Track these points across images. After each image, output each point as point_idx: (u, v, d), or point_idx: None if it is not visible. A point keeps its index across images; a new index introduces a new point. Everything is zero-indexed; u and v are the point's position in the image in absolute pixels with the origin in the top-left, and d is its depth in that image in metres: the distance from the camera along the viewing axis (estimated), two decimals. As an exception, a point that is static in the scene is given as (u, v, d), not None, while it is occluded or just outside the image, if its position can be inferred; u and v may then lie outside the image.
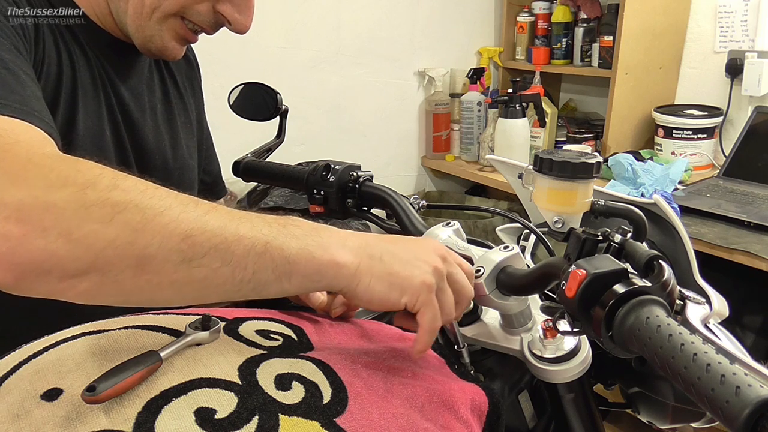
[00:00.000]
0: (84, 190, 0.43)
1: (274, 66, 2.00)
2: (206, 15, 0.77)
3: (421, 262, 0.54)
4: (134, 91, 0.84)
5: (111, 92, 0.81)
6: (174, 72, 0.94)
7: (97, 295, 0.44)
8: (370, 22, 2.18)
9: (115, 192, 0.44)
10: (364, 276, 0.51)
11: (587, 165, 0.66)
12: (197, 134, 0.99)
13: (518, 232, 0.88)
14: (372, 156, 2.30)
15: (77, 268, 0.42)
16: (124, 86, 0.83)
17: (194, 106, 0.99)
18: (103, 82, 0.79)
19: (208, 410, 0.43)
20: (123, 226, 0.43)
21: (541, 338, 0.61)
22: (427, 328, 0.54)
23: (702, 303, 0.63)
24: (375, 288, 0.52)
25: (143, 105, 0.86)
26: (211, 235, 0.45)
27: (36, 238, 0.41)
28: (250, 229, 0.47)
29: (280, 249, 0.48)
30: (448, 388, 0.55)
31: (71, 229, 0.42)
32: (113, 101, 0.81)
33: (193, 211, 0.46)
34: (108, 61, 0.80)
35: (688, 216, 1.58)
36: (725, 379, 0.37)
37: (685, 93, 2.13)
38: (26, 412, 0.43)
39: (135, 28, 0.76)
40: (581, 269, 0.47)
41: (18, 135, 0.50)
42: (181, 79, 0.95)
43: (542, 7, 2.26)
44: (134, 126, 0.84)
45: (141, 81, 0.86)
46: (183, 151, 0.93)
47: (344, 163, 0.81)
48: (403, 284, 0.53)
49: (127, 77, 0.83)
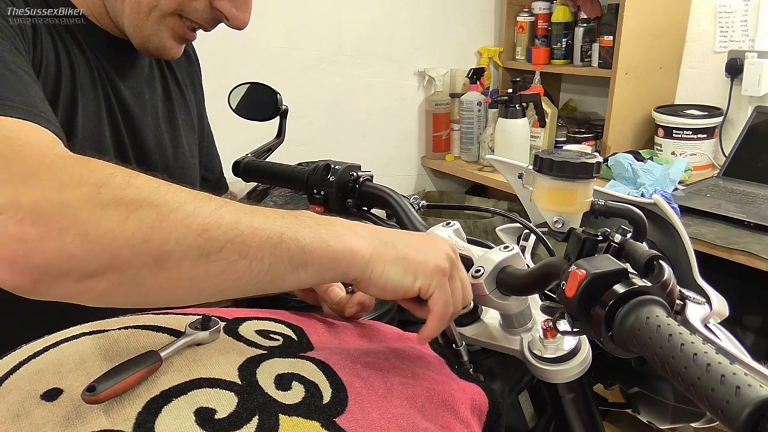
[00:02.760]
0: (98, 189, 0.43)
1: (274, 66, 2.00)
2: (204, 12, 0.76)
3: (433, 248, 0.55)
4: (134, 90, 0.84)
5: (111, 92, 0.80)
6: (174, 69, 0.94)
7: (116, 295, 0.44)
8: (370, 22, 2.18)
9: (129, 190, 0.44)
10: (377, 263, 0.52)
11: (587, 165, 0.66)
12: (198, 131, 0.99)
13: (518, 232, 0.88)
14: (372, 156, 2.30)
15: (95, 268, 0.42)
16: (124, 85, 0.82)
17: (195, 103, 0.98)
18: (103, 82, 0.79)
19: (208, 410, 0.43)
20: (139, 223, 0.43)
21: (541, 338, 0.61)
22: (439, 312, 0.54)
23: (702, 303, 0.63)
24: (389, 274, 0.52)
25: (144, 104, 0.85)
26: (227, 228, 0.45)
27: (53, 239, 0.41)
28: (265, 221, 0.47)
29: (295, 239, 0.48)
30: (448, 388, 0.55)
31: (87, 229, 0.42)
32: (113, 101, 0.80)
33: (207, 206, 0.46)
34: (107, 61, 0.80)
35: (688, 216, 1.58)
36: (725, 379, 0.37)
37: (685, 93, 2.13)
38: (26, 412, 0.43)
39: (132, 28, 0.76)
40: (581, 269, 0.47)
41: (28, 136, 0.50)
42: (181, 76, 0.95)
43: (542, 7, 2.26)
44: (134, 125, 0.83)
45: (141, 79, 0.86)
46: (184, 149, 0.93)
47: (344, 163, 0.81)
48: (417, 269, 0.53)
49: (126, 76, 0.83)
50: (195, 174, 0.96)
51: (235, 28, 0.79)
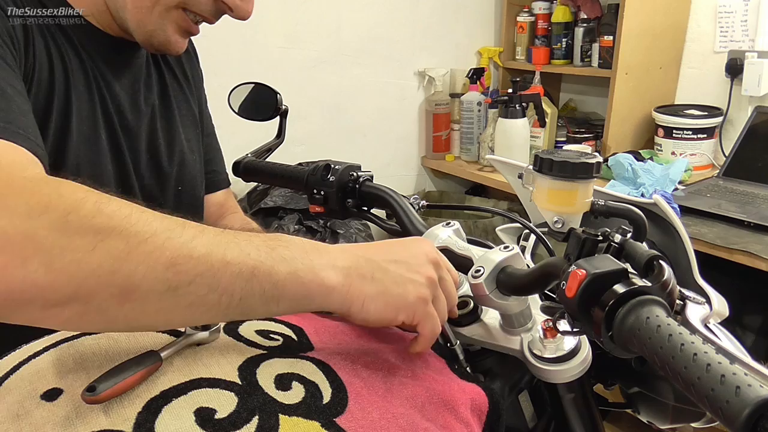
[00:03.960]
0: (66, 217, 0.42)
1: (274, 66, 2.00)
2: (207, 4, 0.75)
3: (414, 273, 0.54)
4: (130, 91, 0.83)
5: (106, 93, 0.79)
6: (172, 64, 0.93)
7: (81, 323, 0.43)
8: (370, 22, 2.18)
9: (98, 218, 0.42)
10: (356, 299, 0.51)
11: (587, 165, 0.66)
12: (200, 125, 0.97)
13: (518, 232, 0.88)
14: (372, 156, 2.30)
15: (59, 298, 0.41)
16: (120, 86, 0.81)
17: (195, 96, 0.97)
18: (98, 84, 0.78)
19: (208, 410, 0.43)
20: (106, 254, 0.41)
21: (541, 338, 0.61)
22: (428, 336, 0.54)
23: (702, 303, 0.63)
24: (369, 309, 0.51)
25: (139, 105, 0.84)
26: (197, 262, 0.44)
27: (16, 267, 0.40)
28: (238, 254, 0.46)
29: (267, 274, 0.46)
30: (448, 388, 0.55)
31: (52, 258, 0.40)
32: (108, 103, 0.79)
33: (179, 237, 0.44)
34: (103, 62, 0.79)
35: (688, 216, 1.58)
36: (725, 379, 0.37)
37: (685, 93, 2.13)
38: (26, 412, 0.43)
39: (136, 23, 0.75)
40: (581, 269, 0.47)
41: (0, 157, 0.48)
42: (180, 71, 0.94)
43: (542, 7, 2.26)
44: (129, 127, 0.82)
45: (138, 79, 0.85)
46: (182, 147, 0.91)
47: (344, 163, 0.81)
48: (397, 303, 0.52)
49: (122, 76, 0.82)
50: (195, 170, 0.95)
51: (239, 19, 0.78)
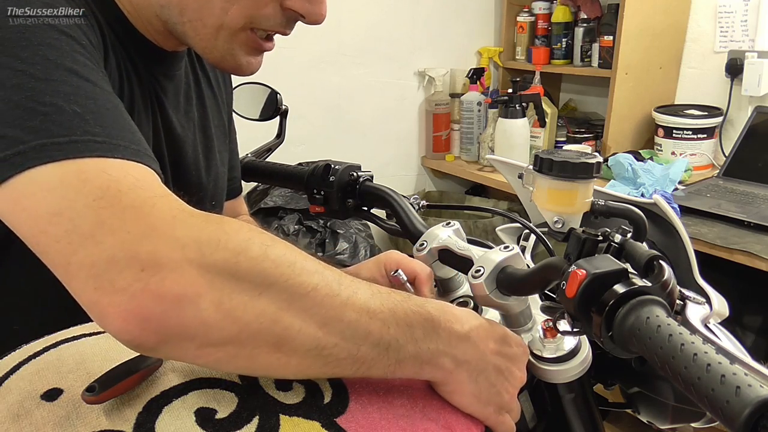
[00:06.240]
0: (237, 257, 0.42)
1: (274, 66, 1.99)
2: (276, 17, 0.67)
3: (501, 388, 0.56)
4: (175, 106, 0.77)
5: (158, 110, 0.73)
6: (207, 69, 0.87)
7: (228, 365, 0.44)
8: (370, 22, 2.18)
9: (265, 263, 0.43)
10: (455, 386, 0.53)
11: (587, 165, 0.66)
12: (228, 134, 0.92)
13: (518, 232, 0.88)
14: (372, 156, 2.30)
15: (219, 339, 0.41)
16: (168, 101, 0.75)
17: (225, 102, 0.92)
18: (152, 101, 0.72)
19: (208, 410, 0.43)
20: (269, 302, 0.42)
21: (541, 338, 0.61)
22: None
23: (702, 303, 0.63)
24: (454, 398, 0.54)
25: (182, 119, 0.78)
26: (345, 327, 0.46)
27: (190, 302, 0.40)
28: (380, 327, 0.48)
29: (396, 352, 0.49)
30: (448, 389, 0.55)
31: (222, 297, 0.41)
32: (159, 119, 0.74)
33: (336, 297, 0.46)
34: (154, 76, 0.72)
35: (688, 216, 1.58)
36: (725, 379, 0.37)
37: (685, 93, 2.13)
38: (26, 412, 0.43)
39: (202, 49, 0.68)
40: (581, 269, 0.47)
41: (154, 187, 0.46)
42: (214, 74, 0.88)
43: (542, 7, 2.26)
44: (175, 143, 0.77)
45: (180, 91, 0.79)
46: (216, 159, 0.86)
47: (344, 163, 0.81)
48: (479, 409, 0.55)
49: (168, 90, 0.75)
50: (224, 182, 0.90)
51: (313, 24, 0.70)
